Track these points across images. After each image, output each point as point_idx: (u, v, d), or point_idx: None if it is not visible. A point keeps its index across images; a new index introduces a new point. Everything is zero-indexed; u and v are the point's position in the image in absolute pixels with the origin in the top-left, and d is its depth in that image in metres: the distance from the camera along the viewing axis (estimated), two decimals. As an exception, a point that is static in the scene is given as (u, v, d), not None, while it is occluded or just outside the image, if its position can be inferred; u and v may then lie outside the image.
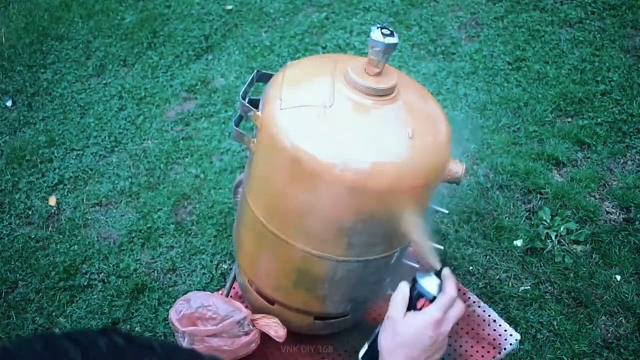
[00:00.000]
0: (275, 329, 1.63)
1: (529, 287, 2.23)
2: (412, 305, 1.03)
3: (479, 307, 1.99)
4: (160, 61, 3.35)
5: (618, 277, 2.26)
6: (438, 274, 1.07)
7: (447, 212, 1.86)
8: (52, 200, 2.60)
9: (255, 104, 1.36)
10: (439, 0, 3.69)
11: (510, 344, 1.90)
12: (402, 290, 1.03)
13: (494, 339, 1.91)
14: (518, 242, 2.36)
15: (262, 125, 1.30)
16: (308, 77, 1.36)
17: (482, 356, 1.86)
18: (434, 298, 1.02)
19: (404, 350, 0.95)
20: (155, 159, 2.77)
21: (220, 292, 2.03)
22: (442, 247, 1.79)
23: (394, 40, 1.22)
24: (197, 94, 3.13)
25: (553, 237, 2.37)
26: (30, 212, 2.56)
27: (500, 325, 1.95)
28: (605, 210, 2.51)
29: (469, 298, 2.01)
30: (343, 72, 1.29)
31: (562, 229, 2.39)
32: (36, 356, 0.55)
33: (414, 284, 1.05)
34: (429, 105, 1.39)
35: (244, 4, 3.75)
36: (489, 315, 1.97)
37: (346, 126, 1.25)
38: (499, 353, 1.88)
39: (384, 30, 1.23)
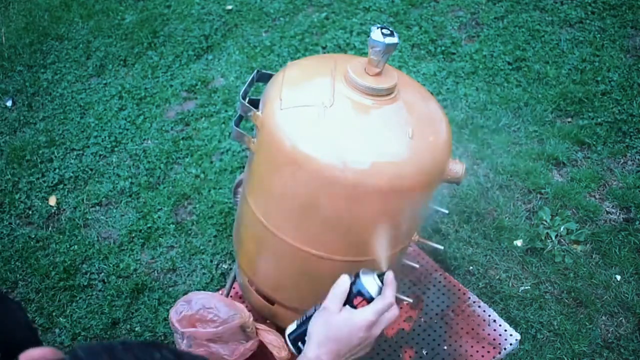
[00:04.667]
0: (279, 349, 1.63)
1: (529, 287, 2.23)
2: (349, 300, 1.03)
3: (479, 307, 1.99)
4: (160, 61, 3.35)
5: (618, 277, 2.26)
6: (381, 276, 1.06)
7: (447, 212, 1.87)
8: (52, 200, 2.60)
9: (255, 104, 1.36)
10: (439, 0, 3.69)
11: (510, 344, 1.90)
12: (343, 284, 1.04)
13: (494, 339, 1.91)
14: (518, 242, 2.36)
15: (262, 125, 1.30)
16: (308, 77, 1.36)
17: (482, 356, 1.86)
18: (372, 299, 1.02)
19: (333, 344, 0.98)
20: (155, 159, 2.77)
21: (220, 292, 2.03)
22: (442, 247, 1.79)
23: (394, 40, 1.22)
24: (197, 94, 3.13)
25: (553, 237, 2.37)
26: (30, 212, 2.56)
27: (500, 325, 1.95)
28: (605, 210, 2.51)
29: (469, 298, 2.02)
30: (343, 72, 1.29)
31: (562, 229, 2.39)
32: None
33: (355, 279, 1.05)
34: (429, 106, 1.39)
35: (244, 4, 3.75)
36: (489, 315, 1.97)
37: (346, 126, 1.25)
38: (499, 353, 1.88)
39: (384, 30, 1.23)
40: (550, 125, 2.86)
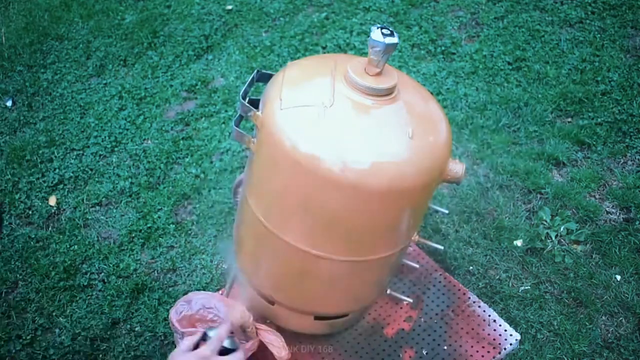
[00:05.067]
0: (279, 349, 1.62)
1: (529, 287, 2.23)
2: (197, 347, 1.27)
3: (479, 307, 1.99)
4: (160, 61, 3.35)
5: (618, 277, 2.26)
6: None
7: (447, 212, 1.87)
8: (52, 200, 2.60)
9: (255, 104, 1.36)
10: (439, 0, 3.69)
11: (510, 344, 1.90)
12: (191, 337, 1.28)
13: (494, 339, 1.91)
14: (518, 242, 2.36)
15: (262, 125, 1.30)
16: (308, 77, 1.36)
17: (482, 356, 1.86)
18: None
19: None
20: (155, 159, 2.77)
21: (220, 292, 2.03)
22: (442, 247, 1.79)
23: (394, 40, 1.22)
24: (197, 94, 3.13)
25: (553, 237, 2.37)
26: (30, 212, 2.56)
27: (500, 325, 1.95)
28: (605, 210, 2.51)
29: (469, 298, 2.01)
30: (343, 72, 1.29)
31: (562, 229, 2.39)
32: None
33: (204, 336, 1.30)
34: (429, 106, 1.39)
35: (244, 4, 3.75)
36: (489, 315, 1.97)
37: (346, 126, 1.24)
38: (499, 353, 1.88)
39: (384, 30, 1.23)
40: (550, 125, 2.86)
